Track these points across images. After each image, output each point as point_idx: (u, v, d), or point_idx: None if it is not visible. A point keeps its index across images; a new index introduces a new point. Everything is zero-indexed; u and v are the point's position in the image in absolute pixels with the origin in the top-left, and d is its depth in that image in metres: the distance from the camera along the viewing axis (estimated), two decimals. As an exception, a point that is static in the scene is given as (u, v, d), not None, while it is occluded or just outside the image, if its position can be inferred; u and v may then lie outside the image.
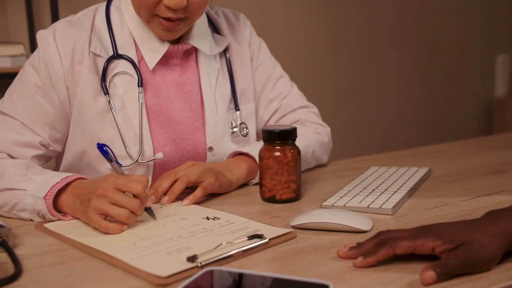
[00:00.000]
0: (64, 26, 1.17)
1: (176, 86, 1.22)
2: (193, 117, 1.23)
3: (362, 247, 0.80)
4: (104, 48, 1.17)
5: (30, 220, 1.02)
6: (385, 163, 1.37)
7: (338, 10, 2.67)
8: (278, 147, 1.07)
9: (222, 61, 1.29)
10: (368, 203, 1.03)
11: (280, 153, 1.07)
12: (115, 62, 1.18)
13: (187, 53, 1.24)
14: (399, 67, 2.92)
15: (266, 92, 1.35)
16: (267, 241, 0.86)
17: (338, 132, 2.75)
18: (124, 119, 1.17)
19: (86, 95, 1.15)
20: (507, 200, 1.06)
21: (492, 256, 0.75)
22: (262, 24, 2.40)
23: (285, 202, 1.08)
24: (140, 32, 1.19)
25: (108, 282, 0.77)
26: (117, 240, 0.89)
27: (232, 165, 1.19)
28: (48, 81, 1.14)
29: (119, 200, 0.92)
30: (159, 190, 1.08)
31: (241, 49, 1.32)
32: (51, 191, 0.98)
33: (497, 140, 1.75)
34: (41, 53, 1.15)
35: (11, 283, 0.76)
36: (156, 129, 1.19)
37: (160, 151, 1.18)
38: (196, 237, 0.89)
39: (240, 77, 1.30)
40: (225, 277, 0.73)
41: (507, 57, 3.35)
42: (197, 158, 1.23)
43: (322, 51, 2.65)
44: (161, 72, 1.21)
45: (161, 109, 1.20)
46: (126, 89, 1.17)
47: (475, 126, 3.29)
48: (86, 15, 1.21)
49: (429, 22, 3.00)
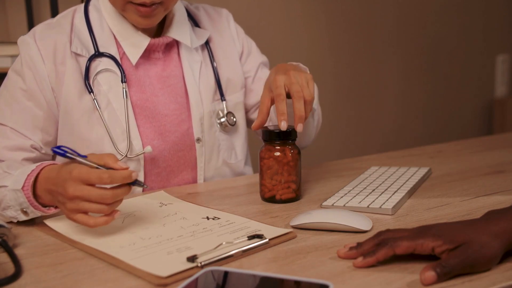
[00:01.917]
0: (44, 29, 1.19)
1: (159, 80, 1.24)
2: (179, 110, 1.24)
3: (362, 247, 0.80)
4: (85, 47, 1.19)
5: (16, 220, 0.99)
6: (385, 163, 1.37)
7: (338, 11, 2.67)
8: (278, 147, 1.07)
9: (204, 53, 1.30)
10: (368, 203, 1.03)
11: (280, 153, 1.07)
12: (97, 61, 1.19)
13: (169, 47, 1.26)
14: (399, 67, 2.92)
15: (258, 76, 1.37)
16: (267, 241, 0.86)
17: (338, 132, 2.76)
18: (111, 116, 1.17)
19: (71, 95, 1.16)
20: (507, 200, 1.06)
21: (492, 256, 0.75)
22: (262, 24, 2.41)
23: (285, 202, 1.08)
24: (120, 28, 1.20)
25: (108, 282, 0.77)
26: (117, 240, 0.89)
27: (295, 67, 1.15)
28: (33, 84, 1.15)
29: (91, 197, 0.86)
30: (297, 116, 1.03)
31: (224, 41, 1.34)
32: (27, 181, 0.95)
33: (497, 140, 1.75)
34: (23, 57, 1.16)
35: (11, 283, 0.76)
36: (143, 124, 1.20)
37: (148, 145, 1.19)
38: (196, 237, 0.89)
39: (224, 68, 1.31)
40: (225, 277, 0.73)
41: (507, 57, 3.35)
42: (186, 149, 1.24)
43: (322, 52, 2.65)
44: (144, 67, 1.23)
45: (146, 104, 1.21)
46: (110, 86, 1.18)
47: (475, 126, 3.29)
48: (65, 16, 1.22)
49: (429, 22, 3.00)
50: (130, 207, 1.05)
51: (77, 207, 0.88)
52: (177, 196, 1.13)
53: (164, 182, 1.24)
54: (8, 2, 1.94)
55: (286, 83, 1.06)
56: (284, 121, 1.03)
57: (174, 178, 1.25)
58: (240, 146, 1.33)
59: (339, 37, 2.70)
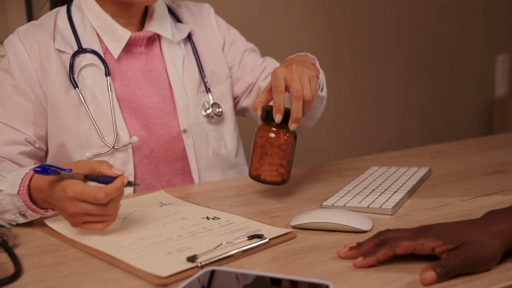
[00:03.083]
0: (28, 28, 1.23)
1: (143, 74, 1.25)
2: (163, 102, 1.26)
3: (362, 247, 0.80)
4: (68, 44, 1.21)
5: (15, 223, 0.98)
6: (385, 163, 1.37)
7: (338, 10, 2.67)
8: (274, 129, 1.05)
9: (187, 47, 1.32)
10: (368, 203, 1.03)
11: (275, 135, 1.05)
12: (81, 57, 1.21)
13: (151, 41, 1.28)
14: (399, 67, 2.92)
15: (243, 63, 1.38)
16: (267, 241, 0.86)
17: (338, 132, 2.75)
18: (97, 109, 1.19)
19: (58, 90, 1.18)
20: (507, 200, 1.06)
21: (492, 256, 0.75)
22: (262, 24, 2.41)
23: (269, 184, 1.08)
24: (101, 24, 1.23)
25: (108, 282, 0.77)
26: (117, 240, 0.89)
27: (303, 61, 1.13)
28: (21, 79, 1.18)
29: (91, 212, 0.88)
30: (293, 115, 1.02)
31: (206, 34, 1.36)
32: (22, 185, 0.95)
33: (497, 140, 1.75)
34: (10, 56, 1.19)
35: (11, 283, 0.77)
36: (129, 116, 1.22)
37: (134, 136, 1.20)
38: (196, 237, 0.89)
39: (207, 61, 1.33)
40: (225, 277, 0.73)
41: (507, 57, 3.35)
42: (173, 141, 1.25)
43: (322, 52, 2.64)
44: (127, 61, 1.25)
45: (130, 97, 1.23)
46: (95, 80, 1.21)
47: (475, 126, 3.29)
48: (48, 17, 1.26)
49: (429, 22, 3.00)
50: (130, 207, 1.05)
51: (81, 221, 0.90)
52: (177, 196, 1.13)
53: (155, 173, 1.25)
54: (8, 2, 1.94)
55: (287, 77, 1.03)
56: (279, 115, 1.02)
57: (164, 169, 1.26)
58: (229, 137, 1.34)
59: (339, 37, 2.70)
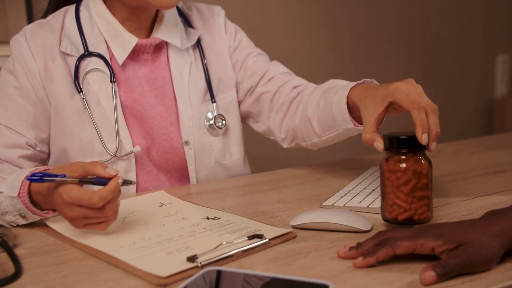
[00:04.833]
0: (34, 28, 1.20)
1: (148, 82, 1.23)
2: (167, 112, 1.24)
3: (362, 247, 0.80)
4: (74, 47, 1.19)
5: (16, 224, 0.98)
6: (385, 163, 1.37)
7: (339, 10, 2.67)
8: (414, 157, 0.90)
9: (195, 53, 1.29)
10: (368, 203, 1.03)
11: (418, 163, 0.89)
12: (87, 60, 1.19)
13: (158, 48, 1.25)
14: (399, 67, 2.92)
15: (245, 66, 1.33)
16: (267, 241, 0.86)
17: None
18: (100, 115, 1.18)
19: (62, 94, 1.17)
20: (507, 200, 1.06)
21: (492, 256, 0.75)
22: (262, 24, 2.41)
23: (419, 224, 0.89)
24: (108, 28, 1.20)
25: (108, 282, 0.77)
26: (117, 240, 0.89)
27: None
28: (25, 81, 1.16)
29: (89, 215, 0.88)
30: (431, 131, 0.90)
31: (215, 39, 1.32)
32: (22, 187, 0.95)
33: (497, 140, 1.75)
34: (15, 56, 1.17)
35: (11, 283, 0.76)
36: (132, 124, 1.21)
37: (137, 145, 1.19)
38: (196, 237, 0.89)
39: (214, 67, 1.30)
40: (225, 277, 0.73)
41: (507, 57, 3.35)
42: (174, 152, 1.24)
43: (323, 52, 2.65)
44: (132, 68, 1.23)
45: (134, 105, 1.21)
46: (100, 86, 1.19)
47: (475, 126, 3.29)
48: (56, 16, 1.23)
49: (429, 22, 3.00)
50: (130, 207, 1.05)
51: (82, 223, 0.90)
52: (177, 196, 1.12)
53: (156, 181, 1.24)
54: (8, 2, 1.94)
55: (411, 91, 0.93)
56: (426, 134, 0.89)
57: (164, 176, 1.25)
58: (235, 145, 1.32)
59: (339, 37, 2.70)
